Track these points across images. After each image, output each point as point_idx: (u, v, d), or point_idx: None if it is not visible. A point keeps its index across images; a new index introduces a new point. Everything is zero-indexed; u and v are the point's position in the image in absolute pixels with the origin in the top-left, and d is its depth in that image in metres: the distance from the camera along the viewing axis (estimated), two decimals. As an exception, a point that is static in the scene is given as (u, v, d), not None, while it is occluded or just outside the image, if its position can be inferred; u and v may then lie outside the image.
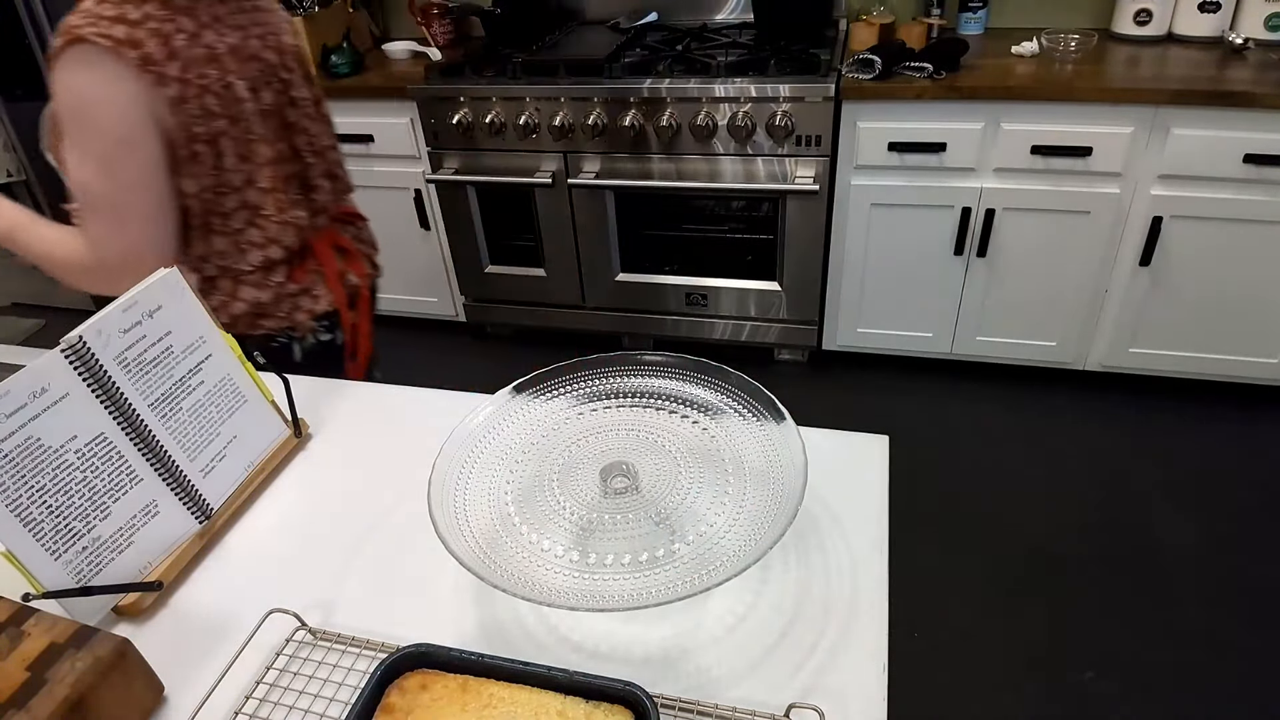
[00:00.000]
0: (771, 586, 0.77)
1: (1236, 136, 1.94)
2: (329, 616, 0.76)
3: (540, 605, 0.74)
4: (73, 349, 0.76)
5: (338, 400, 1.07)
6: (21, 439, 0.72)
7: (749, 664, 0.70)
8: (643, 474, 0.80)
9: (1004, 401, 2.46)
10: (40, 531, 0.73)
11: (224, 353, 0.91)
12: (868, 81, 2.10)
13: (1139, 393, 2.43)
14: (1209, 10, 2.19)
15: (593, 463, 0.82)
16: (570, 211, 2.47)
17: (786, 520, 0.68)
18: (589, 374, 0.92)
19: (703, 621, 0.74)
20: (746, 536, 0.71)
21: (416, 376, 1.15)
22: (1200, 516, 2.03)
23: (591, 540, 0.74)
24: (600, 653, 0.72)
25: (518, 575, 0.69)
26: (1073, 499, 2.11)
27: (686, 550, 0.72)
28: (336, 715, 0.67)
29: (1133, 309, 2.25)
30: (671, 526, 0.75)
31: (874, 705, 0.66)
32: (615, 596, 0.67)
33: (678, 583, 0.67)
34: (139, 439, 0.81)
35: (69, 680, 0.62)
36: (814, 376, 2.65)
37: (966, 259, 2.30)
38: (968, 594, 1.87)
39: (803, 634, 0.72)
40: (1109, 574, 1.90)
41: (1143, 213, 2.11)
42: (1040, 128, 2.05)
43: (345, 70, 2.49)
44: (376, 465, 0.96)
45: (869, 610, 0.74)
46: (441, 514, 0.73)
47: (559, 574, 0.71)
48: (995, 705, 1.64)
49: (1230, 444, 2.25)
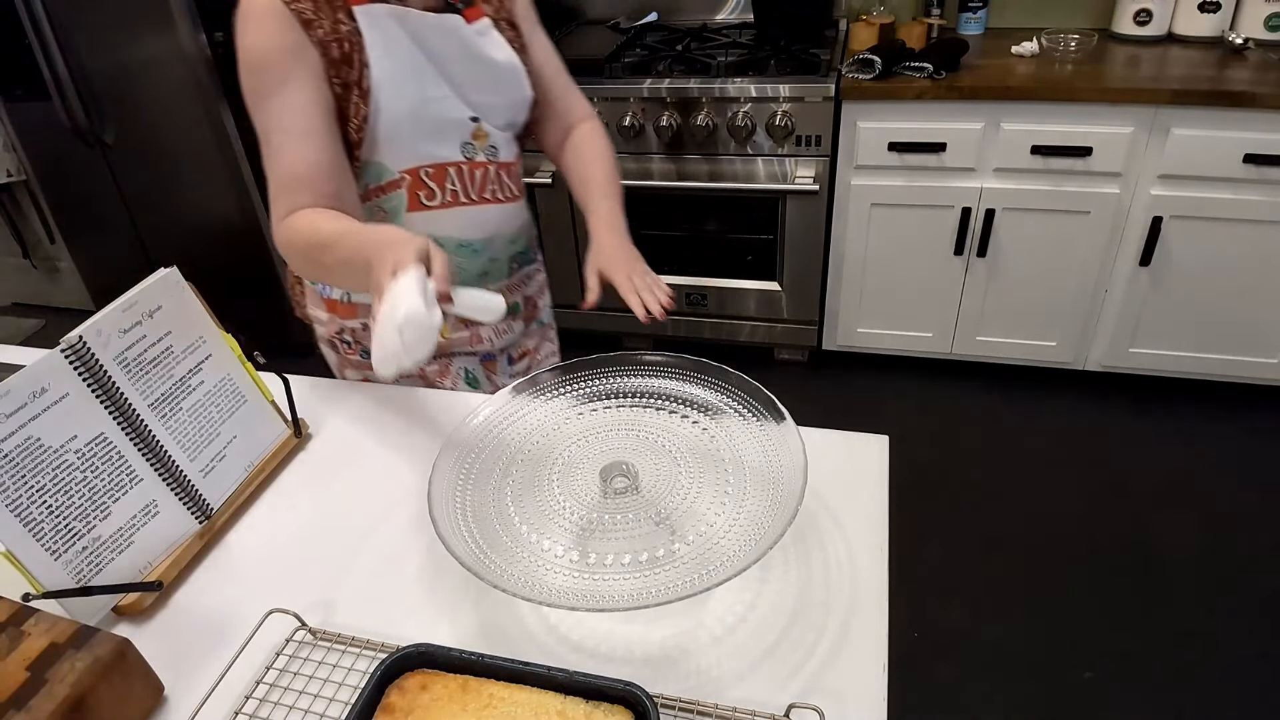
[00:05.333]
0: (771, 586, 0.77)
1: (1236, 136, 1.94)
2: (329, 616, 0.76)
3: (540, 605, 0.75)
4: (73, 349, 0.76)
5: (338, 400, 1.07)
6: (21, 439, 0.72)
7: (749, 664, 0.70)
8: (643, 474, 0.80)
9: (1004, 401, 2.46)
10: (40, 531, 0.73)
11: (224, 353, 0.91)
12: (868, 81, 2.10)
13: (1139, 393, 2.42)
14: (1209, 10, 2.18)
15: (593, 463, 0.82)
16: (570, 211, 2.47)
17: (786, 520, 0.68)
18: (589, 374, 0.92)
19: (703, 621, 0.74)
20: (746, 536, 0.71)
21: (416, 376, 1.15)
22: (1200, 517, 2.03)
23: (591, 540, 0.74)
24: (600, 653, 0.72)
25: (518, 575, 0.69)
26: (1073, 499, 2.11)
27: (686, 550, 0.72)
28: (336, 715, 0.67)
29: (1133, 309, 2.25)
30: (671, 526, 0.75)
31: (874, 705, 0.66)
32: (615, 596, 0.67)
33: (678, 583, 0.67)
34: (139, 439, 0.81)
35: (69, 680, 0.62)
36: (814, 376, 2.65)
37: (966, 259, 2.29)
38: (968, 594, 1.87)
39: (803, 634, 0.72)
40: (1109, 574, 1.90)
41: (1143, 213, 2.11)
42: (1040, 128, 2.05)
43: (345, 70, 2.49)
44: (376, 465, 0.96)
45: (869, 610, 0.74)
46: (442, 514, 0.73)
47: (559, 574, 0.71)
48: (995, 705, 1.64)
49: (1230, 444, 2.25)
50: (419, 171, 1.04)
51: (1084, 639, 1.75)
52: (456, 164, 1.06)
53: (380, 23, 0.96)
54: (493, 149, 1.09)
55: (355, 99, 0.96)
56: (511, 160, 1.14)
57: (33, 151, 2.68)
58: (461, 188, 1.08)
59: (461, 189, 1.08)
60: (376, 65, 0.96)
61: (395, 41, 0.97)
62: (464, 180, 1.08)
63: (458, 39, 1.01)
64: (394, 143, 1.01)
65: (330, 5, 0.94)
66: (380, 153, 1.01)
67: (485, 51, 1.04)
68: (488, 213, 1.12)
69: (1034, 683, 1.67)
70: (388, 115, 0.98)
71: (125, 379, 0.81)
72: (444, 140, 1.05)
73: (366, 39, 0.95)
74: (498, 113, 1.09)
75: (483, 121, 1.07)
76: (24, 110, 2.56)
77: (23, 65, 2.40)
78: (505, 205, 1.14)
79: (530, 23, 1.14)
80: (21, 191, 2.94)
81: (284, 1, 0.91)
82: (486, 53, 1.04)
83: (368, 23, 0.95)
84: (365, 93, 0.96)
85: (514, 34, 1.10)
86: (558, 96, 1.19)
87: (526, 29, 1.13)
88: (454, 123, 1.05)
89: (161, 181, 2.57)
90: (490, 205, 1.12)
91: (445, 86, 1.02)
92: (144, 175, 2.58)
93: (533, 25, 1.15)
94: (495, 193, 1.12)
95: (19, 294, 3.33)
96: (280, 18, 0.91)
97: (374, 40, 0.96)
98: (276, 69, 0.92)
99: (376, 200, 1.06)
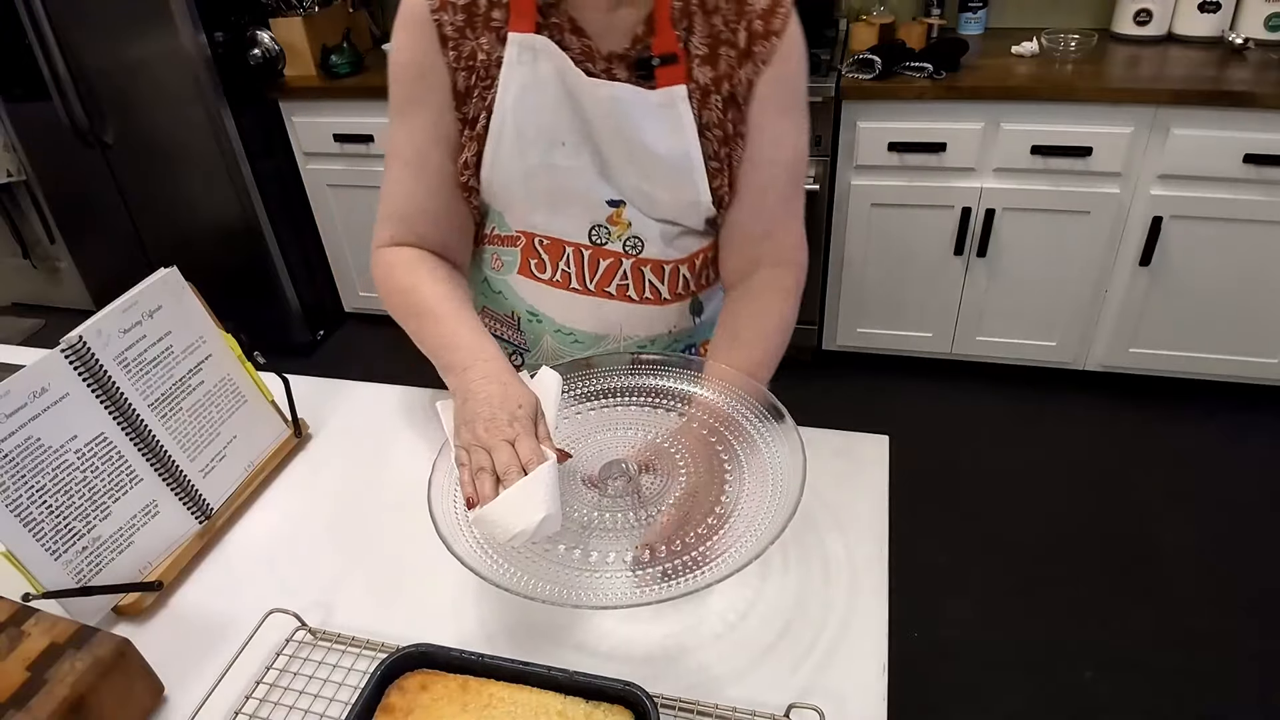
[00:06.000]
0: (771, 586, 0.76)
1: (1236, 136, 1.94)
2: (329, 616, 0.76)
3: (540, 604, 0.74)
4: (73, 349, 0.76)
5: (338, 400, 1.07)
6: (21, 439, 0.72)
7: (749, 664, 0.70)
8: (641, 473, 0.80)
9: (1004, 401, 2.46)
10: (40, 531, 0.73)
11: (224, 353, 0.91)
12: (868, 81, 2.10)
13: (1139, 393, 2.42)
14: (1209, 10, 2.18)
15: (592, 462, 0.82)
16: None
17: (785, 519, 0.68)
18: (587, 373, 0.92)
19: (703, 621, 0.74)
20: (746, 536, 0.71)
21: (416, 376, 1.15)
22: (1200, 517, 2.03)
23: (591, 539, 0.74)
24: (600, 652, 0.72)
25: (518, 574, 0.69)
26: (1073, 499, 2.11)
27: (685, 548, 0.72)
28: (336, 715, 0.67)
29: (1133, 309, 2.25)
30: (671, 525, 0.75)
31: (874, 705, 0.66)
32: (615, 595, 0.67)
33: (676, 580, 0.67)
34: (139, 439, 0.81)
35: (69, 680, 0.62)
36: (814, 376, 2.65)
37: (966, 259, 2.29)
38: (968, 594, 1.87)
39: (803, 634, 0.72)
40: (1109, 574, 1.90)
41: (1143, 213, 2.11)
42: (1040, 128, 2.05)
43: (345, 70, 2.49)
44: (376, 465, 0.96)
45: (869, 610, 0.74)
46: (442, 512, 0.73)
47: (559, 572, 0.71)
48: (995, 705, 1.64)
49: (1230, 444, 2.25)
50: (534, 239, 0.89)
51: (1084, 639, 1.75)
52: (577, 245, 0.88)
53: (532, 61, 0.79)
54: (635, 241, 0.88)
55: (466, 138, 0.84)
56: (670, 259, 0.91)
57: (33, 151, 2.68)
58: (576, 272, 0.90)
59: (576, 274, 0.90)
60: (500, 111, 0.81)
61: (538, 89, 0.80)
62: (580, 266, 0.89)
63: (618, 112, 0.80)
64: (506, 201, 0.88)
65: (486, 24, 0.79)
66: (497, 203, 0.89)
67: (647, 135, 0.81)
68: (606, 308, 0.92)
69: (1034, 683, 1.67)
70: (500, 171, 0.84)
71: (125, 379, 0.81)
72: (564, 216, 0.87)
73: (503, 78, 0.80)
74: (654, 205, 0.86)
75: (628, 207, 0.86)
76: (24, 110, 2.56)
77: (23, 65, 2.40)
78: (643, 306, 0.92)
79: (775, 109, 0.83)
80: (21, 191, 2.94)
81: (431, 10, 0.80)
82: (648, 137, 0.81)
83: (516, 56, 0.79)
84: (478, 136, 0.83)
85: (734, 115, 0.82)
86: (757, 216, 0.88)
87: (758, 114, 0.83)
88: (582, 200, 0.86)
89: (161, 181, 2.57)
90: (614, 301, 0.92)
91: (584, 157, 0.83)
92: (144, 175, 2.58)
93: (778, 113, 0.84)
94: (628, 290, 0.91)
95: (19, 294, 3.33)
96: (421, 30, 0.80)
97: (512, 80, 0.80)
98: (405, 87, 0.83)
99: (496, 248, 0.93)
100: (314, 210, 2.76)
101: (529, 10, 0.78)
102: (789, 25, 0.80)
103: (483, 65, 0.81)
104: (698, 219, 0.88)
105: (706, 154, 0.83)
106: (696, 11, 0.79)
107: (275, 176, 2.61)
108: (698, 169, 0.83)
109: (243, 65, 2.43)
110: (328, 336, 2.94)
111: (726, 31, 0.80)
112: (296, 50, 2.49)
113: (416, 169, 0.85)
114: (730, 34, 0.80)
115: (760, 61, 0.80)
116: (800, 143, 0.87)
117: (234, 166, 2.48)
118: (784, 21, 0.80)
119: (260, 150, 2.53)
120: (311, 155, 2.62)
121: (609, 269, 0.89)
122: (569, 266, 0.89)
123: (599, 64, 0.81)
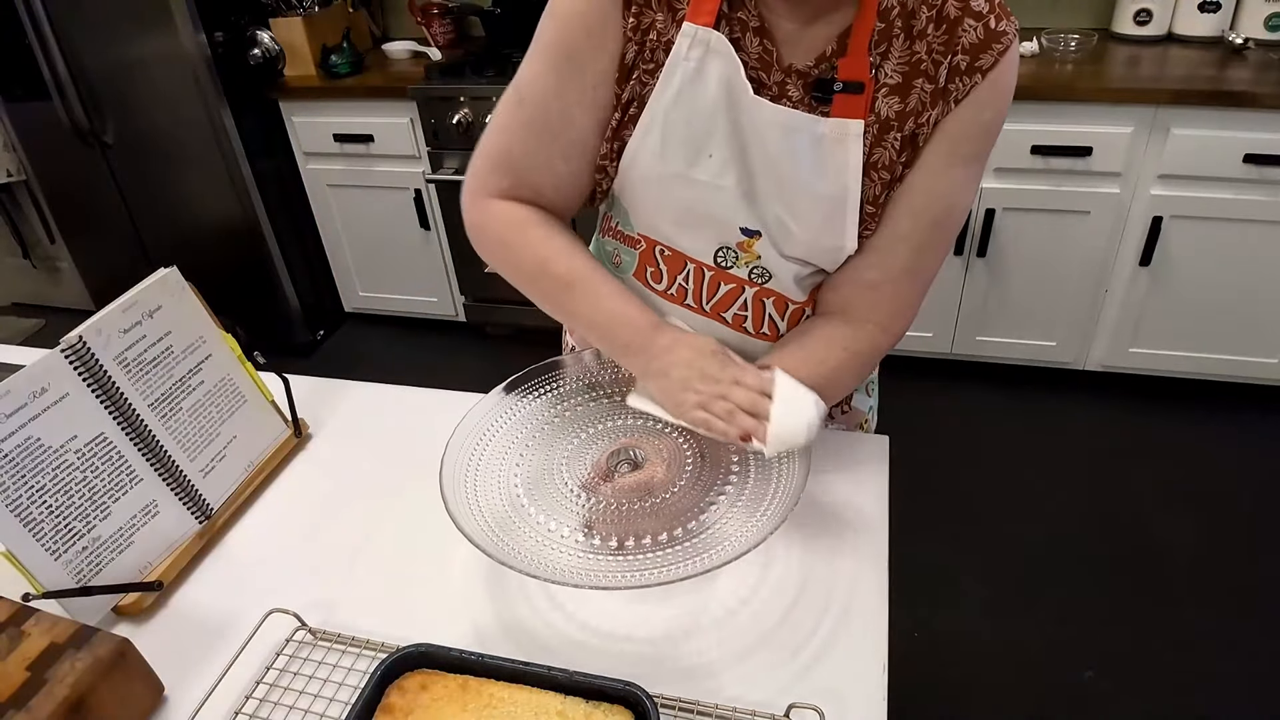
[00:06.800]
0: (771, 586, 0.77)
1: (1236, 136, 1.94)
2: (329, 616, 0.76)
3: (540, 602, 0.75)
4: (73, 349, 0.76)
5: (338, 400, 1.07)
6: (21, 439, 0.72)
7: (749, 663, 0.70)
8: (647, 461, 0.81)
9: (1004, 401, 2.46)
10: (40, 531, 0.73)
11: (224, 353, 0.91)
12: (868, 81, 2.10)
13: (1139, 393, 2.42)
14: (1209, 10, 2.18)
15: (599, 448, 0.83)
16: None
17: (788, 507, 0.69)
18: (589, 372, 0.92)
19: (703, 621, 0.74)
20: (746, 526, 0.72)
21: (416, 376, 1.15)
22: (1200, 516, 2.03)
23: (598, 524, 0.75)
24: (600, 651, 0.72)
25: (526, 556, 0.70)
26: (1073, 499, 2.11)
27: (686, 534, 0.72)
28: (336, 715, 0.67)
29: (1133, 309, 2.25)
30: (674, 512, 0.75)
31: (874, 705, 0.66)
32: (618, 577, 0.67)
33: (679, 563, 0.68)
34: (139, 439, 0.81)
35: (69, 680, 0.62)
36: (814, 376, 2.65)
37: (966, 259, 2.29)
38: (968, 594, 1.87)
39: (803, 634, 0.72)
40: (1109, 574, 1.90)
41: (1143, 213, 2.11)
42: (1040, 127, 2.05)
43: (345, 70, 2.49)
44: (376, 465, 0.96)
45: (869, 610, 0.74)
46: (452, 493, 0.73)
47: (566, 554, 0.71)
48: (995, 705, 1.64)
49: (1230, 444, 2.25)
50: (655, 247, 0.84)
51: (1084, 639, 1.75)
52: (700, 264, 0.82)
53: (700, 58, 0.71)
54: (762, 272, 0.81)
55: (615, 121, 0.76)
56: (797, 300, 0.84)
57: (33, 151, 2.67)
58: (694, 290, 0.84)
59: (694, 291, 0.84)
60: (654, 108, 0.73)
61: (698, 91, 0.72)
62: (700, 285, 0.83)
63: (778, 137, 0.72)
64: (633, 199, 0.81)
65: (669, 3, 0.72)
66: (625, 198, 0.82)
67: (804, 169, 0.73)
68: (718, 333, 0.85)
69: (1034, 683, 1.67)
70: (636, 169, 0.77)
71: (125, 379, 0.81)
72: (692, 233, 0.81)
73: (665, 71, 0.72)
74: (790, 242, 0.78)
75: (764, 239, 0.78)
76: (24, 110, 2.56)
77: (23, 65, 2.40)
78: (757, 341, 0.87)
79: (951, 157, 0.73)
80: (21, 191, 2.94)
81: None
82: (804, 172, 0.73)
83: (685, 49, 0.71)
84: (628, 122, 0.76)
85: (909, 156, 0.73)
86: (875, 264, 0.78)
87: (931, 156, 0.73)
88: (716, 222, 0.79)
89: (161, 181, 2.57)
90: (728, 329, 0.86)
91: (730, 177, 0.75)
92: (144, 175, 2.58)
93: (952, 162, 0.73)
94: (745, 322, 0.85)
95: (19, 294, 3.33)
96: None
97: (674, 75, 0.72)
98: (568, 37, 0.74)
99: (618, 244, 0.88)
100: (314, 210, 2.76)
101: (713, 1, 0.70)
102: (1000, 65, 0.69)
103: (653, 45, 0.72)
104: (833, 264, 0.79)
105: (865, 198, 0.74)
106: (900, 35, 0.69)
107: (275, 176, 2.62)
108: (851, 213, 0.74)
109: (243, 65, 2.43)
110: (328, 336, 2.94)
111: (928, 62, 0.69)
112: (296, 50, 2.49)
113: (557, 129, 0.77)
114: (932, 66, 0.69)
115: (953, 100, 0.70)
116: (963, 201, 0.76)
117: (234, 166, 2.48)
118: (995, 60, 0.68)
119: (260, 150, 2.54)
120: (311, 155, 2.62)
121: (729, 294, 0.83)
122: (687, 282, 0.84)
123: (774, 75, 0.72)
